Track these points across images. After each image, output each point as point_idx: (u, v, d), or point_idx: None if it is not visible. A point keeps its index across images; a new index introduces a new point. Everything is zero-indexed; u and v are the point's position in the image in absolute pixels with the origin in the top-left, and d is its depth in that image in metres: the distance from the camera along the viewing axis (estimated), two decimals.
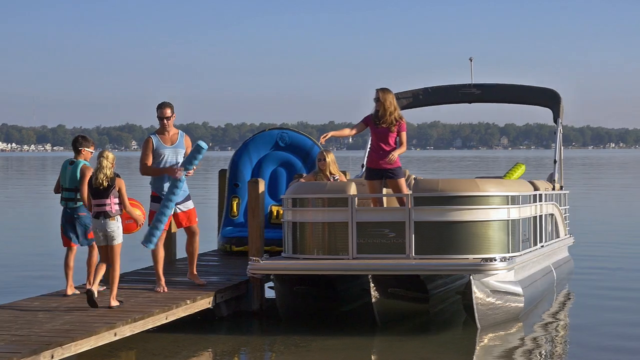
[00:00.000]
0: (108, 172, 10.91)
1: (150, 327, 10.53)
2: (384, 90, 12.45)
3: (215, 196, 17.06)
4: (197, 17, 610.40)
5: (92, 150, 11.88)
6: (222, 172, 16.22)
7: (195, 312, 11.46)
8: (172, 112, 11.98)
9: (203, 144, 11.82)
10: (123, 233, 11.18)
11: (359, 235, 11.93)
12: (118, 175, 11.00)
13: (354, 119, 12.70)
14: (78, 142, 11.81)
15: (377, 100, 12.42)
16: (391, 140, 12.38)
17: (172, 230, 14.14)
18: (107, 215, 10.92)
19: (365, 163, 16.39)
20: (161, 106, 12.01)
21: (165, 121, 11.92)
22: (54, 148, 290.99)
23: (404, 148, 12.41)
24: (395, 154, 12.23)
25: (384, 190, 12.52)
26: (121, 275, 13.24)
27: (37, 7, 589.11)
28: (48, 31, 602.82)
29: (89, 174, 11.27)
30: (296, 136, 15.96)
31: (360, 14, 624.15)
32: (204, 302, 11.57)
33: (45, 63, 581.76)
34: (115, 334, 9.79)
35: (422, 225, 11.80)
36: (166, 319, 10.76)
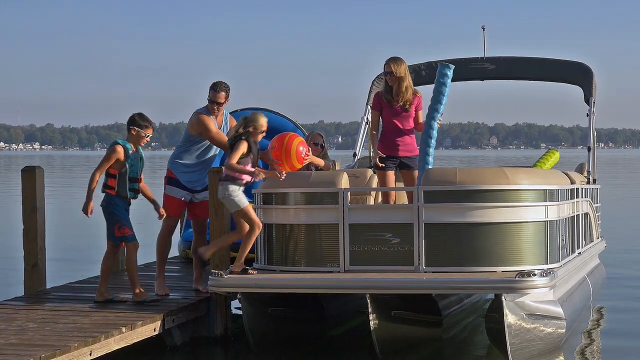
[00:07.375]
0: None
1: None
2: (396, 61, 10.36)
3: None
4: (176, 14, 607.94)
5: (145, 133, 9.73)
6: None
7: (136, 342, 8.68)
8: (227, 97, 10.37)
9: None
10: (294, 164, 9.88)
11: (352, 241, 9.36)
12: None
13: (343, 117, 10.23)
14: (131, 119, 9.81)
15: (390, 73, 10.34)
16: (410, 121, 10.42)
17: None
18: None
19: (358, 151, 13.77)
20: (215, 87, 10.26)
21: (215, 107, 10.26)
22: (42, 147, 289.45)
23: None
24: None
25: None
26: (49, 290, 10.53)
27: (22, 6, 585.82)
28: (34, 31, 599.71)
29: (114, 156, 9.52)
30: (275, 118, 13.14)
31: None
32: (147, 330, 8.80)
33: (31, 63, 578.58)
34: None
35: (434, 228, 9.25)
36: (90, 354, 7.93)
